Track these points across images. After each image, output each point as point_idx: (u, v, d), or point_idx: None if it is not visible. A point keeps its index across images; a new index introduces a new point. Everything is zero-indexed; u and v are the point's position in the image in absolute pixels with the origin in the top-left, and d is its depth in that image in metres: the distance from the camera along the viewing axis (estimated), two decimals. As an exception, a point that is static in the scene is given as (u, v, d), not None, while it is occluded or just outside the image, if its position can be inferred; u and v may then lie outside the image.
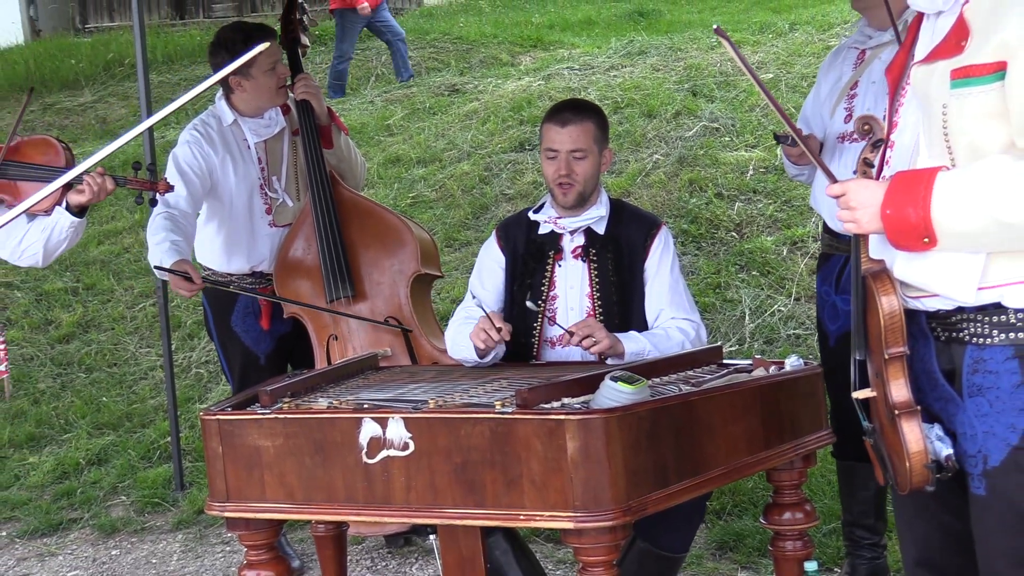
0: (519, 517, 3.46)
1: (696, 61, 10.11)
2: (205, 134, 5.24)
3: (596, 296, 4.38)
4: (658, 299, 4.38)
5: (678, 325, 4.33)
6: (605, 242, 4.41)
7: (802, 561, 4.10)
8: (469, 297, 4.59)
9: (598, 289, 4.38)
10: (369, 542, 5.81)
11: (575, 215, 4.41)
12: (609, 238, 4.42)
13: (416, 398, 3.73)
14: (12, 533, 6.53)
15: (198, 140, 5.21)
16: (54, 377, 8.26)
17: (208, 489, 3.93)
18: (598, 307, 4.37)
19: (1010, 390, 2.79)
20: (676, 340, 4.29)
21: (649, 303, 4.39)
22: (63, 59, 15.20)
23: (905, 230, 2.77)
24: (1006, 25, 2.69)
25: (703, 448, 3.66)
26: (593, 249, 4.41)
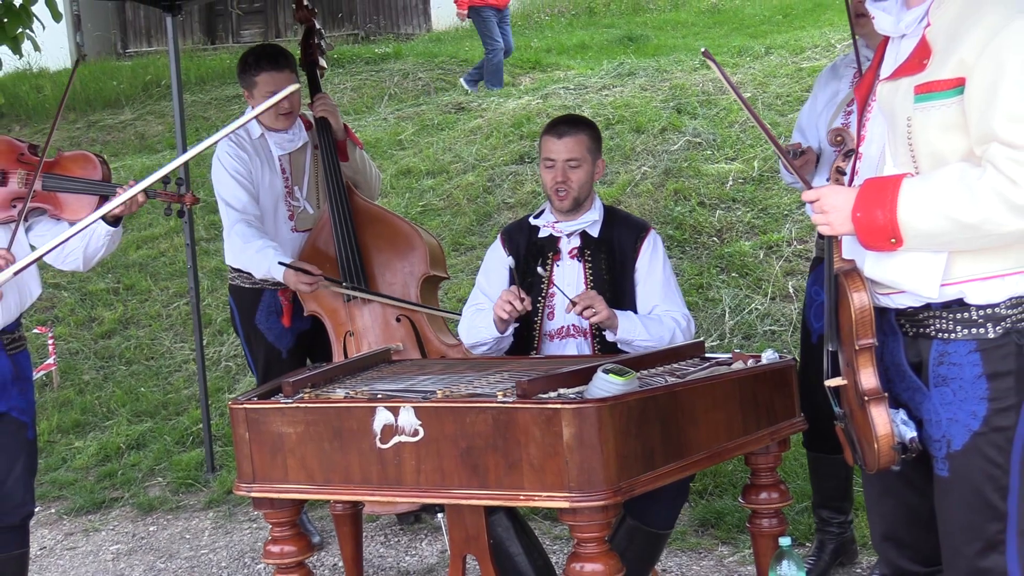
0: (519, 497, 3.46)
1: (680, 81, 10.11)
2: (239, 144, 5.26)
3: None
4: (652, 296, 4.38)
5: (672, 316, 4.34)
6: (599, 244, 4.43)
7: (777, 537, 4.08)
8: (477, 292, 4.59)
9: (592, 286, 4.38)
10: (383, 520, 5.81)
11: (571, 219, 4.42)
12: (602, 240, 4.43)
13: (425, 389, 3.73)
14: (60, 510, 6.54)
15: (236, 150, 5.24)
16: (97, 369, 8.27)
17: (236, 471, 3.93)
18: None
19: (972, 380, 2.80)
20: (668, 327, 4.30)
21: (643, 300, 4.39)
22: (106, 81, 15.20)
23: (874, 231, 2.77)
24: (964, 45, 2.71)
25: (687, 434, 3.65)
26: (588, 250, 4.42)
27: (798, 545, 4.86)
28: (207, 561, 5.67)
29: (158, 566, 5.67)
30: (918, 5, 2.85)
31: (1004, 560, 2.83)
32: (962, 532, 2.86)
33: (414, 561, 5.43)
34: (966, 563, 2.86)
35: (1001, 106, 2.63)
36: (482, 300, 4.53)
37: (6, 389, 4.41)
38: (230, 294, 5.54)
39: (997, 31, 2.66)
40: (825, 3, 14.65)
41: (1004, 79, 2.63)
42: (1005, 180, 2.61)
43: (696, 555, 5.20)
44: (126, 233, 9.87)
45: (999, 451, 2.81)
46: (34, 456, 4.61)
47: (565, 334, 4.42)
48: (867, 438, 2.88)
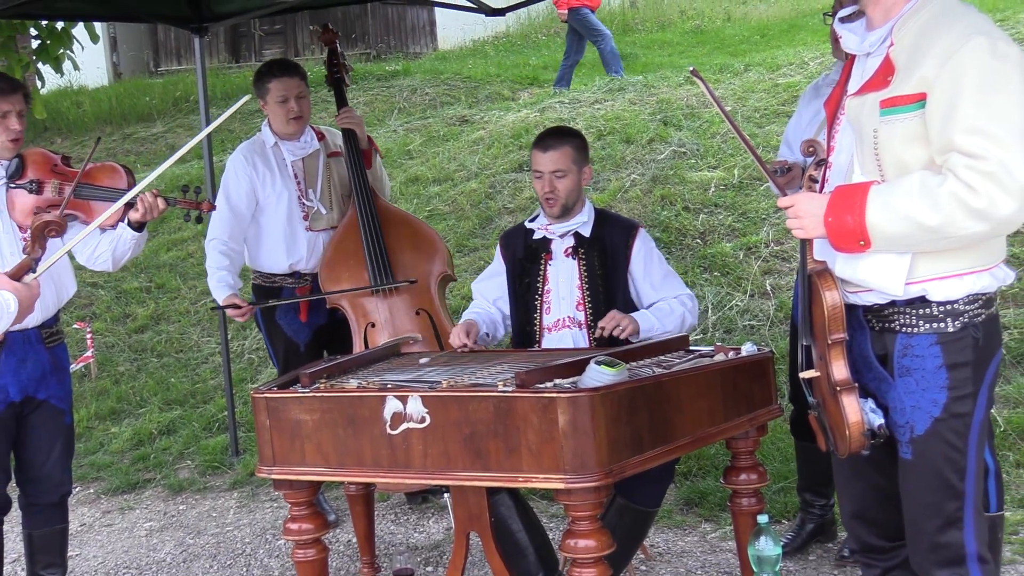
0: (518, 479, 3.46)
1: (666, 96, 10.10)
2: (249, 157, 5.32)
3: (585, 287, 4.40)
4: (654, 289, 4.41)
5: (678, 299, 4.38)
6: (591, 242, 4.43)
7: (755, 515, 4.09)
8: (477, 296, 4.64)
9: (587, 281, 4.39)
10: (393, 499, 5.81)
11: (562, 223, 4.44)
12: (594, 239, 4.44)
13: (431, 379, 3.72)
14: (98, 490, 6.54)
15: (242, 165, 5.31)
16: (131, 361, 8.27)
17: (258, 455, 3.91)
18: (587, 296, 4.39)
19: (933, 371, 2.81)
20: (678, 312, 4.35)
21: (649, 293, 4.41)
22: (139, 97, 15.21)
23: (844, 234, 2.77)
24: (925, 63, 2.71)
25: (672, 421, 3.64)
26: (581, 249, 4.43)
27: (775, 522, 4.85)
28: (232, 537, 5.67)
29: (187, 542, 5.67)
30: (881, 26, 2.86)
31: (962, 535, 2.84)
32: (924, 510, 2.86)
33: (422, 538, 5.42)
34: (928, 538, 2.87)
35: (959, 119, 2.63)
36: (479, 301, 4.59)
37: (45, 379, 4.42)
38: (253, 293, 5.54)
39: (955, 50, 2.66)
40: (799, 24, 14.66)
41: (961, 94, 2.63)
42: (964, 187, 2.60)
43: (681, 532, 5.20)
44: (158, 236, 9.88)
45: (958, 436, 2.82)
46: (71, 440, 4.62)
47: (562, 326, 4.44)
48: (839, 425, 2.88)
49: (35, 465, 4.50)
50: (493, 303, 4.59)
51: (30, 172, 4.37)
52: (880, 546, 3.13)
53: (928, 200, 2.64)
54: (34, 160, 4.41)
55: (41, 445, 4.47)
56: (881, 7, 2.85)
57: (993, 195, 2.58)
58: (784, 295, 6.84)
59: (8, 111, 4.28)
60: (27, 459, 4.49)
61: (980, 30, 2.68)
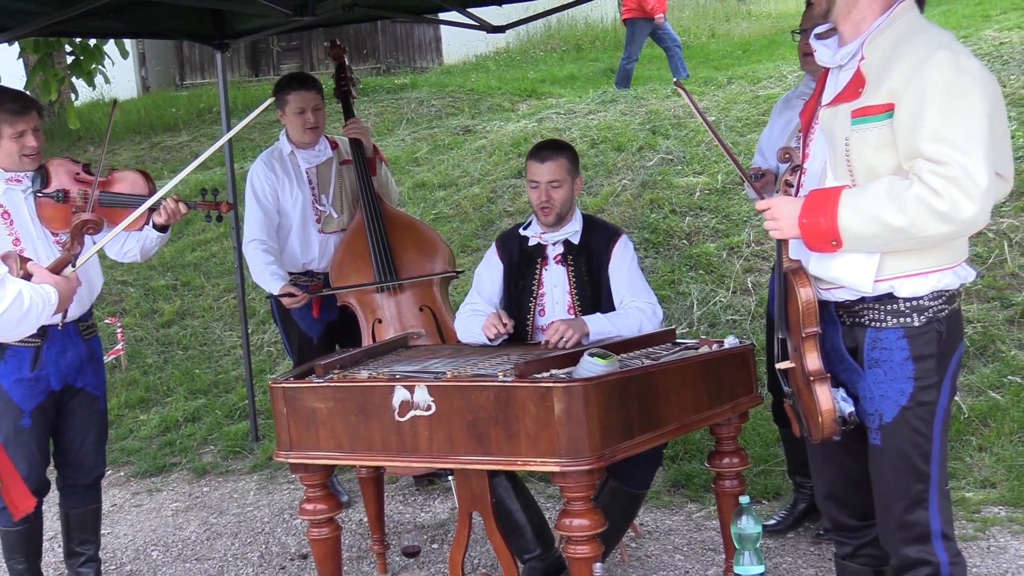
0: (517, 462, 3.47)
1: (655, 107, 10.10)
2: (269, 164, 5.35)
3: (575, 292, 4.37)
4: (621, 289, 4.35)
5: (637, 306, 4.29)
6: (579, 250, 4.40)
7: (738, 495, 4.08)
8: (474, 294, 4.58)
9: (575, 286, 4.37)
10: (401, 482, 5.81)
11: (555, 231, 4.41)
12: (582, 247, 4.41)
13: (437, 370, 3.72)
14: (128, 473, 6.55)
15: (264, 170, 5.33)
16: (158, 354, 8.27)
17: (276, 441, 3.92)
18: (576, 300, 4.36)
19: (900, 363, 2.81)
20: (635, 317, 4.26)
21: (615, 293, 4.36)
22: (166, 108, 15.20)
23: (817, 235, 2.78)
24: (893, 76, 2.72)
25: (660, 409, 3.65)
26: (570, 256, 4.40)
27: (755, 502, 4.86)
28: (252, 517, 5.67)
29: (211, 521, 5.67)
30: (851, 41, 2.86)
31: (927, 514, 2.85)
32: (892, 491, 2.87)
33: (428, 517, 5.42)
34: (896, 518, 2.87)
35: (925, 128, 2.63)
36: (477, 300, 4.53)
37: (82, 368, 4.44)
38: None
39: (920, 64, 2.67)
40: (778, 40, 14.64)
41: (927, 105, 2.64)
42: (929, 191, 2.61)
43: (669, 511, 5.20)
44: (183, 238, 9.88)
45: (923, 423, 2.82)
46: (105, 426, 4.63)
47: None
48: (812, 413, 2.89)
49: (72, 449, 4.51)
50: (493, 305, 4.53)
51: (54, 182, 4.36)
52: (852, 525, 3.14)
53: (895, 203, 2.65)
54: (57, 170, 4.40)
55: (78, 430, 4.49)
56: (851, 23, 2.86)
57: (956, 198, 2.59)
58: (764, 292, 6.83)
59: (24, 130, 4.24)
60: (65, 443, 4.50)
61: (944, 45, 2.69)
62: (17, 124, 4.23)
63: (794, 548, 4.66)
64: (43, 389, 4.32)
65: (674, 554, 4.72)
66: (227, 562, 5.11)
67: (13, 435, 4.32)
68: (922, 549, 2.85)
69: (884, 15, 2.81)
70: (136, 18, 6.07)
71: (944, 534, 2.86)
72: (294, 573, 4.90)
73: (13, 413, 4.31)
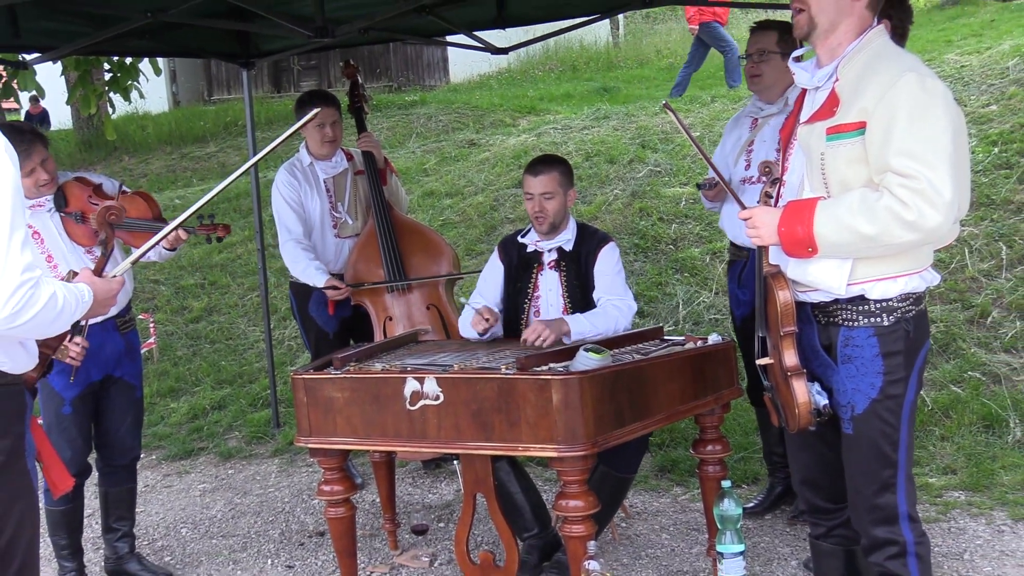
0: (518, 448, 3.47)
1: (645, 123, 10.09)
2: (292, 173, 5.36)
3: (566, 296, 4.35)
4: (600, 288, 4.31)
5: (613, 303, 4.25)
6: (571, 257, 4.38)
7: (720, 480, 4.08)
8: (476, 294, 4.57)
9: (566, 291, 4.35)
10: (411, 466, 5.81)
11: (550, 239, 4.38)
12: (574, 253, 4.38)
13: (445, 363, 3.73)
14: (159, 457, 6.54)
15: (288, 178, 5.34)
16: (188, 347, 8.26)
17: (296, 427, 3.92)
18: (568, 303, 4.34)
19: (871, 359, 2.81)
20: (611, 315, 4.21)
21: (596, 291, 4.33)
22: (195, 121, 15.20)
23: (795, 243, 2.78)
24: (865, 96, 2.72)
25: (649, 400, 3.65)
26: (563, 262, 4.37)
27: (736, 487, 4.86)
28: (273, 497, 5.67)
29: (235, 501, 5.67)
30: (827, 64, 2.86)
31: (895, 498, 2.85)
32: (863, 476, 2.87)
33: (435, 498, 5.43)
34: (866, 500, 2.87)
35: (894, 144, 2.64)
36: (479, 300, 4.50)
37: (120, 360, 4.46)
38: (290, 289, 5.56)
39: (890, 85, 2.67)
40: (758, 62, 14.60)
41: (896, 123, 2.64)
42: (897, 202, 2.62)
43: (656, 494, 5.20)
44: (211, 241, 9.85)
45: (892, 414, 2.82)
46: (141, 412, 4.64)
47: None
48: (789, 405, 2.89)
49: (111, 433, 4.52)
50: (495, 304, 4.53)
51: (72, 204, 4.33)
52: (825, 508, 3.14)
53: (867, 213, 2.65)
54: (71, 193, 4.34)
55: (117, 415, 4.50)
56: (828, 48, 2.86)
57: (922, 209, 2.60)
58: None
59: (33, 167, 4.17)
60: (105, 428, 4.51)
61: (911, 68, 2.70)
62: (26, 164, 4.10)
63: (771, 529, 4.66)
64: (83, 380, 4.32)
65: (661, 534, 4.72)
66: (250, 539, 5.11)
67: (56, 422, 4.34)
68: (890, 530, 2.85)
69: (857, 39, 2.81)
70: (169, 38, 6.08)
71: (910, 516, 2.86)
72: (312, 549, 4.91)
73: (55, 402, 4.32)
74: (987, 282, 6.42)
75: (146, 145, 14.72)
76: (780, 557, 4.36)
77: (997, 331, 6.08)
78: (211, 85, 19.24)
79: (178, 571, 4.76)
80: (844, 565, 3.13)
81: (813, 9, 2.79)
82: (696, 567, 4.33)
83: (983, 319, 6.18)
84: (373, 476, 4.87)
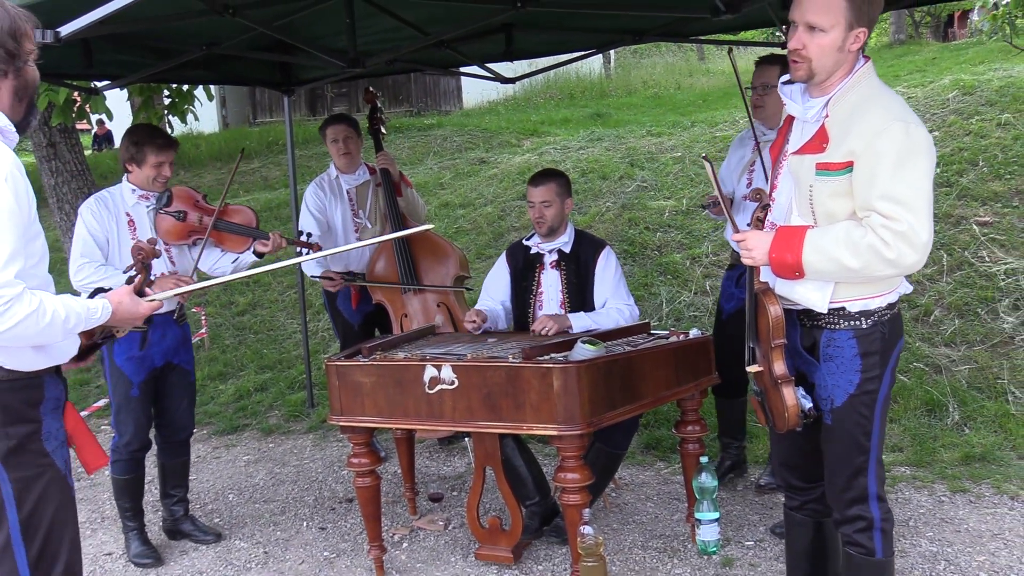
0: (523, 427, 3.46)
1: (633, 145, 10.08)
2: (320, 185, 5.38)
3: (565, 292, 4.35)
4: (605, 293, 4.32)
5: (616, 307, 4.27)
6: (570, 258, 4.38)
7: (698, 456, 4.09)
8: (484, 294, 4.59)
9: (566, 288, 4.35)
10: (428, 442, 5.80)
11: (550, 242, 4.39)
12: (573, 255, 4.38)
13: (459, 352, 3.72)
14: (209, 432, 6.53)
15: (315, 191, 5.36)
16: (234, 337, 8.26)
17: (329, 407, 3.91)
18: (566, 297, 4.35)
19: (850, 358, 2.77)
20: (613, 317, 4.23)
21: (599, 295, 4.33)
22: (241, 140, 15.21)
23: (784, 267, 2.73)
24: (853, 137, 2.64)
25: (637, 386, 3.64)
26: (563, 262, 4.38)
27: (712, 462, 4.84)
28: (308, 468, 5.66)
29: (275, 471, 5.66)
30: (819, 97, 2.75)
31: (867, 480, 2.81)
32: (839, 461, 2.83)
33: (449, 471, 5.41)
34: (841, 482, 2.84)
35: (878, 186, 2.57)
36: (485, 299, 4.55)
37: (178, 348, 4.46)
38: (323, 287, 5.55)
39: (878, 131, 2.58)
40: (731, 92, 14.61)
41: (881, 168, 2.56)
42: (880, 241, 2.56)
43: (642, 468, 5.19)
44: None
45: (867, 407, 2.77)
46: (194, 394, 4.63)
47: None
48: (779, 409, 2.85)
49: (168, 412, 4.52)
50: (500, 303, 4.53)
51: (176, 203, 4.38)
52: (800, 486, 3.11)
53: (851, 248, 2.60)
54: (180, 195, 4.43)
55: (174, 398, 4.50)
56: (820, 85, 2.74)
57: (902, 249, 2.55)
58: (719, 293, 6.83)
59: (163, 162, 4.31)
60: (163, 408, 4.51)
61: (899, 117, 2.60)
62: (160, 155, 4.31)
63: (743, 498, 4.64)
64: (148, 366, 4.33)
65: (646, 503, 4.71)
66: (288, 504, 5.10)
67: (125, 403, 4.33)
68: (861, 507, 2.82)
69: (848, 77, 2.71)
70: (220, 68, 6.07)
71: (878, 496, 2.83)
72: (342, 513, 4.90)
73: (125, 385, 4.32)
74: (930, 285, 6.40)
75: (199, 161, 14.72)
76: (750, 523, 4.34)
77: (938, 328, 6.06)
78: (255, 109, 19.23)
79: (226, 531, 4.75)
80: (812, 533, 3.11)
81: (815, 63, 2.68)
82: (676, 531, 4.31)
83: (926, 317, 6.16)
84: (395, 451, 4.86)
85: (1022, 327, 5.91)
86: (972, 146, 7.75)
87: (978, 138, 7.86)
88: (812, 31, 2.65)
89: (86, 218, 4.23)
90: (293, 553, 4.43)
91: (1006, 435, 5.08)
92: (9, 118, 2.49)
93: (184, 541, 4.63)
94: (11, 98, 2.49)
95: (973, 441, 5.03)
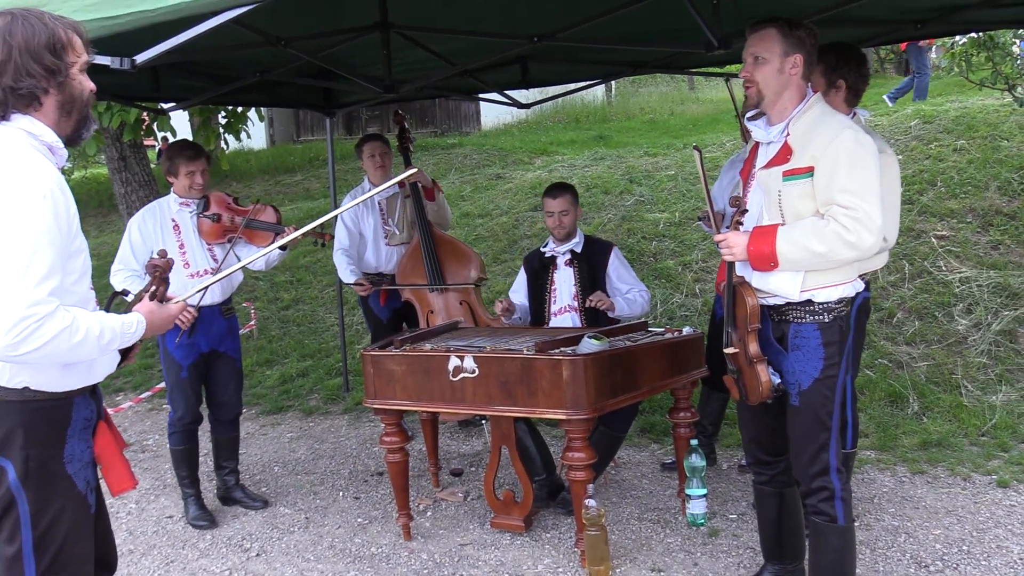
0: (535, 412, 3.46)
1: (632, 164, 10.05)
2: (354, 196, 5.35)
3: (577, 286, 4.41)
4: (625, 284, 4.43)
5: (638, 290, 4.41)
6: (582, 257, 4.46)
7: (689, 439, 4.08)
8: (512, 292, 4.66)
9: (578, 282, 4.42)
10: (450, 424, 5.80)
11: (564, 245, 4.48)
12: (584, 255, 4.47)
13: (480, 345, 3.72)
14: (256, 412, 6.54)
15: (350, 200, 5.32)
16: (279, 328, 8.27)
17: (364, 391, 3.92)
18: (579, 291, 4.42)
19: (814, 347, 2.83)
20: (639, 302, 4.38)
21: (619, 286, 4.43)
22: (287, 156, 15.23)
23: (761, 258, 2.80)
24: (813, 146, 2.75)
25: (637, 377, 3.64)
26: (576, 261, 4.46)
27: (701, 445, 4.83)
28: (345, 445, 5.67)
29: (315, 447, 5.67)
30: (778, 123, 2.87)
31: (828, 455, 2.84)
32: (804, 439, 2.86)
33: (468, 449, 5.41)
34: (807, 457, 2.86)
35: (837, 183, 2.68)
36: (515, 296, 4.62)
37: (224, 338, 4.47)
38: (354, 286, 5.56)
39: (832, 139, 2.71)
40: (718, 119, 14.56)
41: (838, 168, 2.69)
42: (841, 227, 2.67)
43: (639, 449, 5.18)
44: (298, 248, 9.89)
45: (829, 390, 2.82)
46: (241, 378, 4.64)
47: (563, 312, 4.45)
48: (752, 384, 2.89)
49: (218, 395, 4.53)
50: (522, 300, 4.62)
51: (213, 207, 4.41)
52: (767, 460, 3.13)
53: (818, 236, 2.70)
54: (216, 199, 4.46)
55: (222, 381, 4.51)
56: (777, 111, 2.88)
57: (860, 232, 2.65)
58: (709, 296, 6.81)
59: (194, 171, 4.31)
60: (213, 391, 4.53)
61: (848, 126, 2.75)
62: (190, 165, 4.32)
63: (727, 477, 4.63)
64: (196, 351, 4.37)
65: (642, 480, 4.70)
66: (326, 476, 5.11)
67: (176, 383, 4.37)
68: (824, 479, 2.84)
69: (801, 104, 2.84)
70: (271, 93, 6.09)
71: (838, 468, 2.86)
72: (374, 485, 4.90)
73: (175, 368, 4.35)
74: (893, 291, 6.37)
75: (249, 174, 14.75)
76: (733, 499, 4.33)
77: (900, 328, 6.03)
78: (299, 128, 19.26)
79: (272, 499, 4.77)
80: (779, 503, 3.14)
81: (760, 85, 2.83)
82: (669, 505, 4.31)
83: (890, 319, 6.13)
84: (421, 431, 4.86)
85: (974, 329, 5.89)
86: (931, 168, 7.71)
87: (937, 161, 7.83)
88: (757, 61, 2.83)
89: (132, 231, 4.32)
90: (331, 519, 4.44)
91: (959, 424, 5.06)
92: (57, 133, 2.16)
93: (235, 507, 4.65)
94: (57, 112, 2.15)
95: (930, 429, 5.01)
